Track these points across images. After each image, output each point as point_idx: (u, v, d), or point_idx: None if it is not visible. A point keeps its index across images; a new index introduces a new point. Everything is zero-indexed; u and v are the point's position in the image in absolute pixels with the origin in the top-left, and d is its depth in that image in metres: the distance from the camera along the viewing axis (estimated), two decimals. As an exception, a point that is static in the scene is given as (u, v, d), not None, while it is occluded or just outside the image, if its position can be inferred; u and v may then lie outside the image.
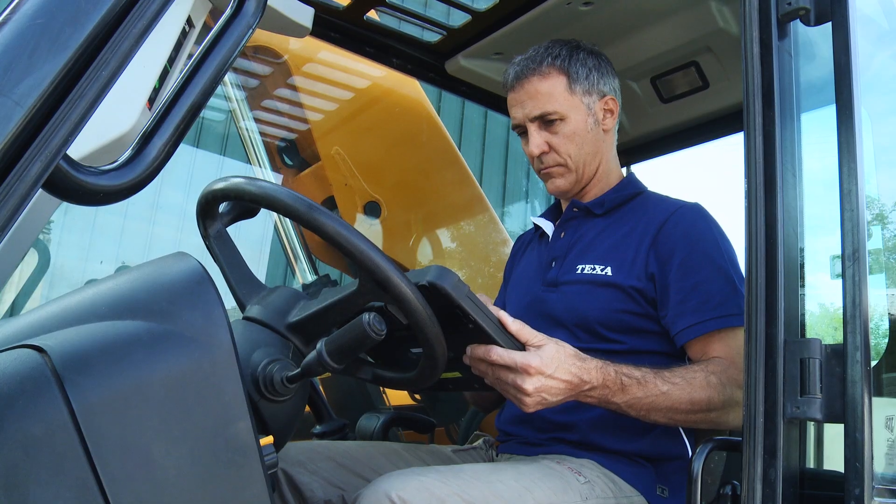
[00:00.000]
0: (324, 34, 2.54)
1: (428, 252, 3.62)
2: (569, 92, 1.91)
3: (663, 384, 1.54)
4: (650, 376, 1.55)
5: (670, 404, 1.54)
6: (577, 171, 1.95)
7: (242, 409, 0.93)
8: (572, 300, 1.82)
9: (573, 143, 1.91)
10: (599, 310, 1.78)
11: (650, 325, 1.77)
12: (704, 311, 1.67)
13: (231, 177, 1.31)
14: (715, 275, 1.72)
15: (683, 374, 1.57)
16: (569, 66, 1.91)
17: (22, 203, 0.68)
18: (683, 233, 1.78)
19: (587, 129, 1.93)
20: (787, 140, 1.32)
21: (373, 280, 1.20)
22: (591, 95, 1.93)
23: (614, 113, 1.99)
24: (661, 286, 1.75)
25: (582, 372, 1.47)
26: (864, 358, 1.18)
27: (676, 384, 1.55)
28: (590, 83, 1.93)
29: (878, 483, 1.17)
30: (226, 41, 0.95)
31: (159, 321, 0.91)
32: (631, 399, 1.52)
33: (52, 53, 0.70)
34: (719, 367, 1.60)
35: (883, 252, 2.33)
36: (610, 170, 2.02)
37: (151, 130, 0.86)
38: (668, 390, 1.54)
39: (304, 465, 1.68)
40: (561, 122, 1.90)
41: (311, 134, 3.16)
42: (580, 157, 1.93)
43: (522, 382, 1.40)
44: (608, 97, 1.97)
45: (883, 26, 1.95)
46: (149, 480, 0.83)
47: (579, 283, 1.83)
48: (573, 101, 1.91)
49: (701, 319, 1.67)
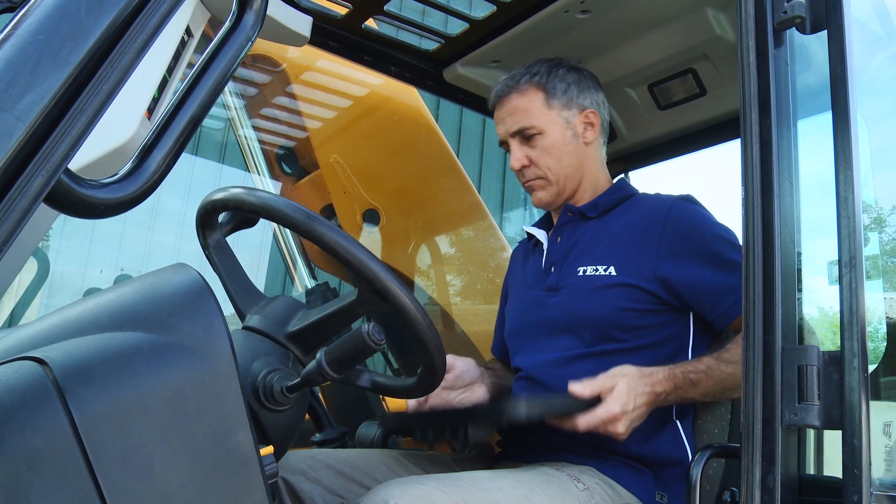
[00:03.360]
0: (322, 43, 2.54)
1: (427, 259, 3.62)
2: (546, 107, 1.97)
3: (727, 366, 1.65)
4: (713, 363, 1.66)
5: (737, 381, 1.59)
6: (559, 183, 1.99)
7: (243, 419, 0.93)
8: (576, 303, 1.84)
9: (552, 157, 1.97)
10: (606, 310, 1.80)
11: (654, 319, 1.80)
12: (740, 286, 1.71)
13: (230, 187, 1.32)
14: (735, 251, 1.78)
15: (738, 351, 1.65)
16: (546, 82, 1.98)
17: (24, 217, 0.68)
18: (689, 224, 1.83)
19: (565, 143, 1.97)
20: (783, 147, 1.32)
21: (372, 289, 1.20)
22: (569, 109, 1.98)
23: (595, 126, 2.01)
24: (684, 280, 1.78)
25: (655, 387, 1.58)
26: (862, 364, 1.18)
27: (737, 362, 1.63)
28: (568, 97, 1.98)
29: (877, 489, 1.17)
30: (225, 53, 0.96)
31: (160, 332, 0.91)
32: (704, 389, 1.64)
33: (54, 69, 0.70)
34: None
35: (880, 257, 2.34)
36: (597, 180, 2.05)
37: (151, 143, 0.87)
38: (734, 370, 1.63)
39: (304, 474, 1.68)
40: (539, 137, 1.96)
41: (310, 142, 3.17)
42: (560, 169, 1.98)
43: (616, 428, 1.53)
44: (588, 111, 2.00)
45: (877, 31, 1.96)
46: (150, 491, 0.84)
47: (582, 284, 1.85)
48: (550, 115, 1.96)
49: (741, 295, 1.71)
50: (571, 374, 1.78)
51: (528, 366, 1.92)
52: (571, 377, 1.78)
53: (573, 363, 1.81)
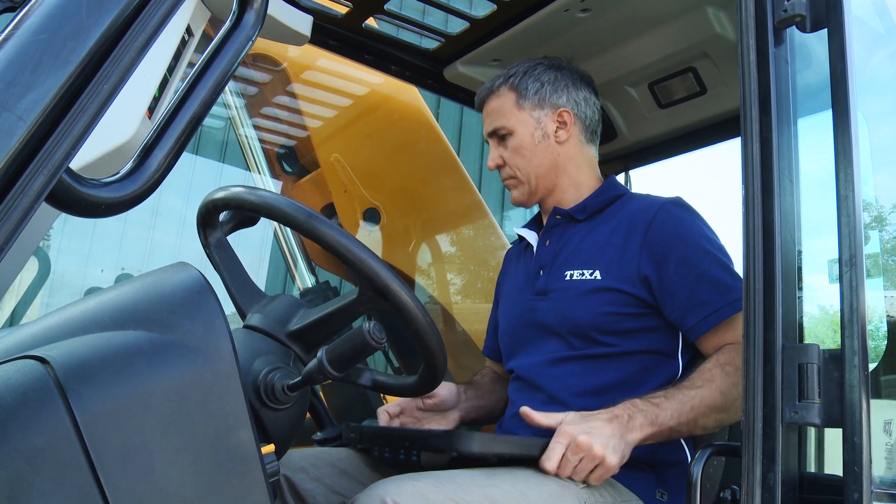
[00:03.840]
0: (322, 42, 2.54)
1: (427, 258, 3.62)
2: (516, 107, 2.00)
3: (689, 390, 1.61)
4: (672, 390, 1.62)
5: (709, 404, 1.59)
6: (529, 182, 2.01)
7: (244, 417, 0.94)
8: (562, 307, 1.84)
9: (520, 156, 1.99)
10: (591, 314, 1.79)
11: (641, 323, 1.78)
12: (715, 300, 1.70)
13: (231, 186, 1.32)
14: (715, 265, 1.75)
15: (700, 376, 1.63)
16: (518, 83, 2.01)
17: (25, 216, 0.69)
18: (674, 229, 1.80)
19: (534, 143, 1.98)
20: (783, 145, 1.32)
21: (373, 288, 1.21)
22: (541, 109, 2.00)
23: (568, 125, 2.00)
24: (661, 285, 1.76)
25: (606, 411, 1.56)
26: (862, 362, 1.18)
27: (701, 386, 1.61)
28: (539, 97, 1.99)
29: (877, 487, 1.17)
30: (226, 53, 0.96)
31: (161, 331, 0.91)
32: (673, 412, 1.58)
33: (55, 68, 0.71)
34: (730, 354, 1.65)
35: (881, 255, 2.34)
36: (580, 180, 2.04)
37: (152, 143, 0.87)
38: (698, 393, 1.60)
39: (306, 472, 1.68)
40: (510, 137, 2.00)
41: (311, 141, 3.17)
42: (529, 169, 1.99)
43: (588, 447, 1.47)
44: (562, 110, 2.00)
45: (877, 29, 1.96)
46: (151, 490, 0.84)
47: (568, 289, 1.85)
48: (521, 115, 1.99)
49: (714, 309, 1.69)
50: (561, 374, 1.80)
51: (520, 367, 1.94)
52: (562, 377, 1.80)
53: (563, 364, 1.82)
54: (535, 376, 1.86)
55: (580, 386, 1.78)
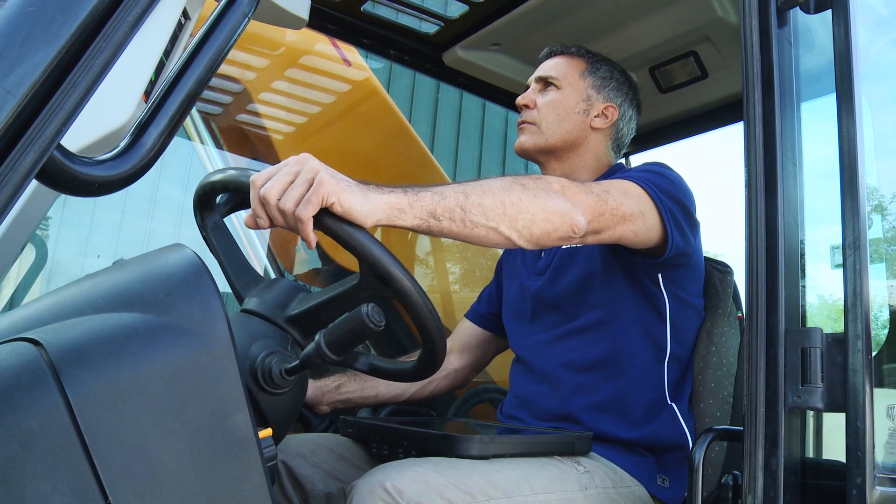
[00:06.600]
0: (320, 26, 2.53)
1: (426, 246, 3.61)
2: (580, 76, 2.01)
3: (457, 185, 1.35)
4: (439, 186, 1.34)
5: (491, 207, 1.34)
6: (546, 137, 1.98)
7: (241, 401, 0.92)
8: (556, 279, 1.87)
9: (554, 111, 1.98)
10: (580, 278, 1.82)
11: (621, 282, 1.80)
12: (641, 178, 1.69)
13: (228, 168, 1.30)
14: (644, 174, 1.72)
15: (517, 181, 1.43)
16: (594, 61, 2.04)
17: (15, 194, 0.67)
18: (636, 169, 1.84)
19: (573, 110, 1.98)
20: (787, 129, 1.31)
21: (374, 274, 1.19)
22: (597, 92, 2.01)
23: (609, 119, 2.01)
24: None
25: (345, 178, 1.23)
26: (866, 347, 1.18)
27: (470, 184, 1.37)
28: (603, 83, 2.02)
29: (880, 472, 1.16)
30: (221, 30, 0.94)
31: (156, 313, 0.90)
32: (441, 199, 1.29)
33: (44, 42, 0.69)
34: (584, 185, 1.54)
35: (883, 242, 2.33)
36: (591, 167, 2.03)
37: (146, 121, 0.85)
38: (464, 189, 1.34)
39: (305, 458, 1.67)
40: (555, 90, 2.00)
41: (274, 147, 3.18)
42: (555, 127, 1.98)
43: (313, 169, 1.20)
44: (611, 105, 2.02)
45: (882, 13, 1.94)
46: (146, 473, 0.83)
47: (561, 260, 1.88)
48: (578, 83, 2.00)
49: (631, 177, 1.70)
50: (558, 352, 1.80)
51: (519, 347, 1.97)
52: (558, 355, 1.80)
53: (560, 341, 1.84)
54: (530, 356, 1.90)
55: (577, 363, 1.79)
